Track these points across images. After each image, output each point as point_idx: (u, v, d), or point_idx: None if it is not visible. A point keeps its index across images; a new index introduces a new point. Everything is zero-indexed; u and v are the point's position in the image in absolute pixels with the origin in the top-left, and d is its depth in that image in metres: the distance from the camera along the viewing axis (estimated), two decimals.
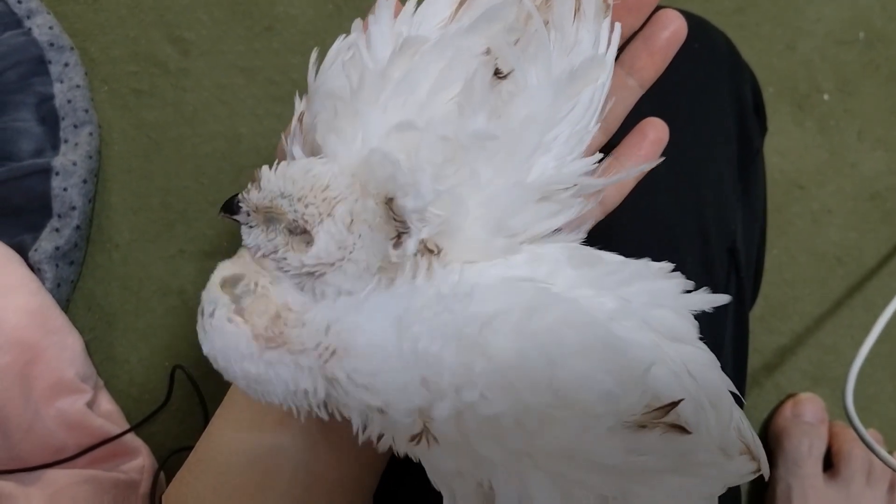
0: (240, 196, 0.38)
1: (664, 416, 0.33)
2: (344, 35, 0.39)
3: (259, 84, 0.86)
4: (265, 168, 0.37)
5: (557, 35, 0.37)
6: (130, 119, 0.85)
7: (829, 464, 0.82)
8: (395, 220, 0.35)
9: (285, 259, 0.37)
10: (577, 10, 0.38)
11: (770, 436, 0.85)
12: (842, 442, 0.81)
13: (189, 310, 0.82)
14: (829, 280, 0.88)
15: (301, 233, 0.37)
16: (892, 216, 0.88)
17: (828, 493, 0.79)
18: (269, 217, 0.37)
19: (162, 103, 0.86)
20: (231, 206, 0.39)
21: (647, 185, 0.47)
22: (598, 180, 0.38)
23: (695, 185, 0.57)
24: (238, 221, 0.39)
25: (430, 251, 0.35)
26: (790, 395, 0.85)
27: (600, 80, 0.38)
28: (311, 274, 0.37)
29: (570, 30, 0.37)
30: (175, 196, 0.84)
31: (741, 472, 0.38)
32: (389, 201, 0.34)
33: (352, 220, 0.35)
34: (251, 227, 0.39)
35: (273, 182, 0.36)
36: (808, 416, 0.83)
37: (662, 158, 0.44)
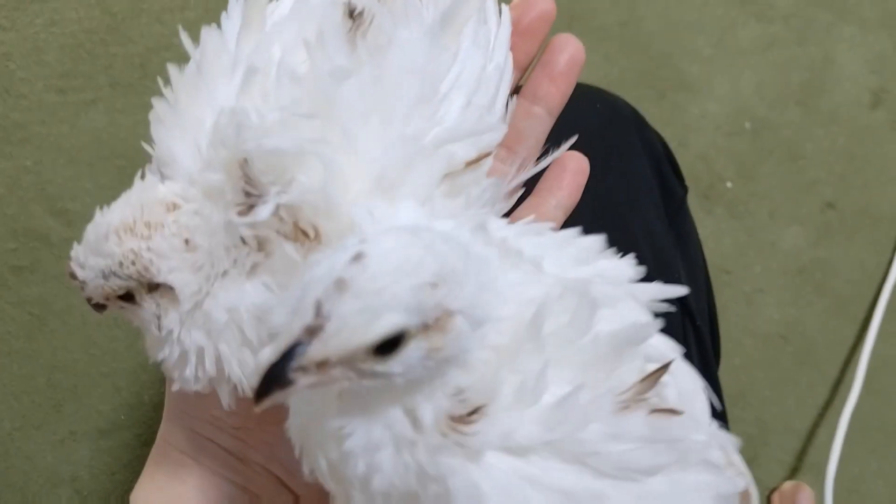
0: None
1: (653, 386, 0.28)
2: None
3: None
4: (72, 254, 0.31)
5: None
6: (9, 297, 0.77)
7: None
8: (246, 190, 0.29)
9: (169, 327, 0.31)
10: None
11: None
12: None
13: (85, 500, 0.70)
14: (780, 359, 0.84)
15: (157, 286, 0.31)
16: (824, 287, 0.86)
17: None
18: (124, 295, 0.31)
19: (44, 277, 0.79)
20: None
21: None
22: (499, 132, 0.34)
23: (627, 234, 0.54)
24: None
25: (306, 234, 0.29)
26: (773, 490, 0.78)
27: (491, 20, 0.35)
28: (198, 304, 0.31)
29: None
30: (63, 372, 0.75)
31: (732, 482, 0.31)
32: (244, 164, 0.29)
33: (186, 240, 0.30)
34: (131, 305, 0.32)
35: (85, 270, 0.30)
36: None
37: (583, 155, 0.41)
